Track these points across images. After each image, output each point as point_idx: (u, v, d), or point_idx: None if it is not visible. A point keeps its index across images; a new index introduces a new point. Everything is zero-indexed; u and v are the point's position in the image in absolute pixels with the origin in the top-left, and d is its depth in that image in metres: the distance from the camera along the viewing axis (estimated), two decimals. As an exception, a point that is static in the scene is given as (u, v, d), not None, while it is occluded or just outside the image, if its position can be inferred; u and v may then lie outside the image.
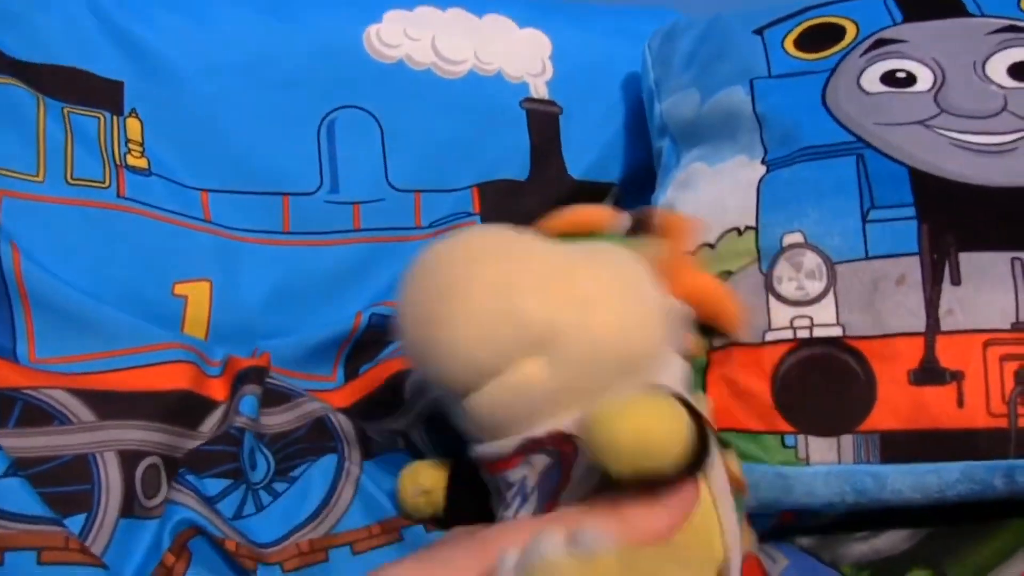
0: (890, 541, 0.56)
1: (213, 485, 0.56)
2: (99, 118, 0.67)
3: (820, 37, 0.65)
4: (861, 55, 0.62)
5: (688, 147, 0.68)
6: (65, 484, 0.52)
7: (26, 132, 0.63)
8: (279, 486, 0.58)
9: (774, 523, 0.58)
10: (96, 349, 0.58)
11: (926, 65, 0.60)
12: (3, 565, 0.46)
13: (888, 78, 0.60)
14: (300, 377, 0.67)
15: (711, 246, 0.59)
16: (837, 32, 0.65)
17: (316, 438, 0.61)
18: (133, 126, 0.68)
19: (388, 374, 0.66)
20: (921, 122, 0.57)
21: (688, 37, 0.72)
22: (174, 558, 0.52)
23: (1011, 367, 0.50)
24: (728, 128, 0.64)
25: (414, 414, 0.63)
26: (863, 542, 0.56)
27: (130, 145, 0.68)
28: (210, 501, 0.55)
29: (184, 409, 0.58)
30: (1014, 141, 0.55)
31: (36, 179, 0.62)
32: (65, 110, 0.65)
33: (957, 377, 0.51)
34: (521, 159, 0.77)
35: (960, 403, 0.51)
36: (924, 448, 0.51)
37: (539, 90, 0.79)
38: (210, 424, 0.60)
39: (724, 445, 0.46)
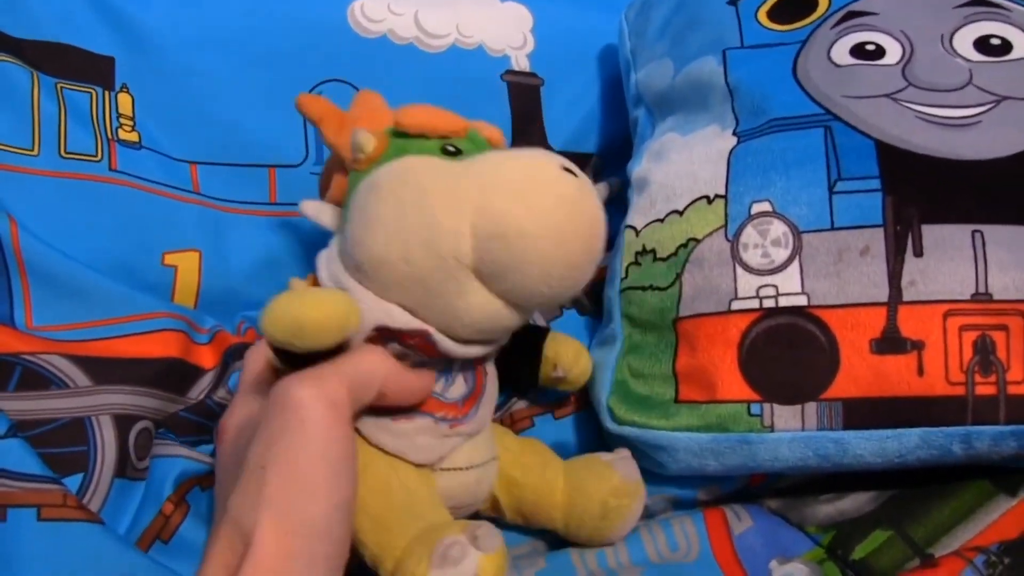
0: (855, 503, 0.55)
1: (186, 442, 0.57)
2: (91, 93, 0.65)
3: (793, 8, 0.63)
4: (832, 27, 0.60)
5: (662, 116, 0.66)
6: (63, 445, 0.51)
7: (21, 107, 0.62)
8: None
9: (742, 485, 0.57)
10: (91, 317, 0.57)
11: (895, 38, 0.58)
12: (5, 521, 0.46)
13: (858, 50, 0.58)
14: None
15: (679, 213, 0.57)
16: (810, 4, 0.62)
17: None
18: (124, 101, 0.67)
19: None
20: (888, 95, 0.55)
21: (663, 7, 0.70)
22: (173, 507, 0.52)
23: (970, 337, 0.49)
24: (700, 98, 0.62)
25: None
26: (828, 504, 0.56)
27: (121, 120, 0.66)
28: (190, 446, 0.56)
29: (174, 375, 0.58)
30: (978, 115, 0.53)
31: (31, 153, 0.61)
32: (58, 85, 0.64)
33: (918, 346, 0.50)
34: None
35: (920, 372, 0.49)
36: (885, 415, 0.50)
37: (520, 63, 0.78)
38: (197, 390, 0.59)
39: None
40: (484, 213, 0.41)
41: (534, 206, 0.41)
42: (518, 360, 0.55)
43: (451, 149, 0.46)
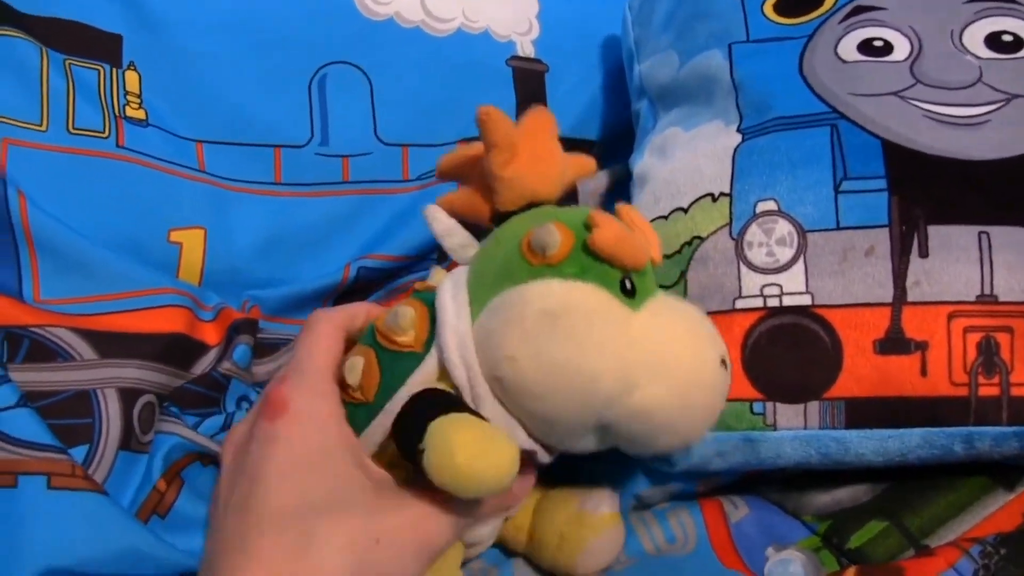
0: (851, 493, 0.54)
1: (192, 418, 0.55)
2: (99, 70, 0.63)
3: (800, 1, 0.59)
4: (840, 22, 0.57)
5: (665, 110, 0.63)
6: (68, 417, 0.50)
7: (30, 83, 0.59)
8: None
9: (740, 477, 0.55)
10: (97, 292, 0.56)
11: (903, 34, 0.55)
12: (16, 487, 0.45)
13: (865, 46, 0.55)
14: (288, 323, 0.65)
15: (684, 210, 0.54)
16: (817, -4, 0.59)
17: None
18: (131, 78, 0.64)
19: None
20: (896, 93, 0.53)
21: (668, -3, 0.67)
22: (166, 484, 0.51)
23: (974, 338, 0.47)
24: (705, 93, 0.60)
25: None
26: (825, 494, 0.54)
27: (129, 97, 0.63)
28: (194, 427, 0.54)
29: (178, 351, 0.56)
30: (987, 114, 0.51)
31: (39, 128, 0.59)
32: (67, 62, 0.61)
33: (921, 347, 0.47)
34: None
35: (923, 372, 0.47)
36: (887, 415, 0.48)
37: (525, 48, 0.75)
38: (202, 366, 0.58)
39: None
40: (641, 393, 0.39)
41: (687, 402, 0.40)
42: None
43: (628, 287, 0.41)
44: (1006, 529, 0.48)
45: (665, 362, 0.40)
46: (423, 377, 0.41)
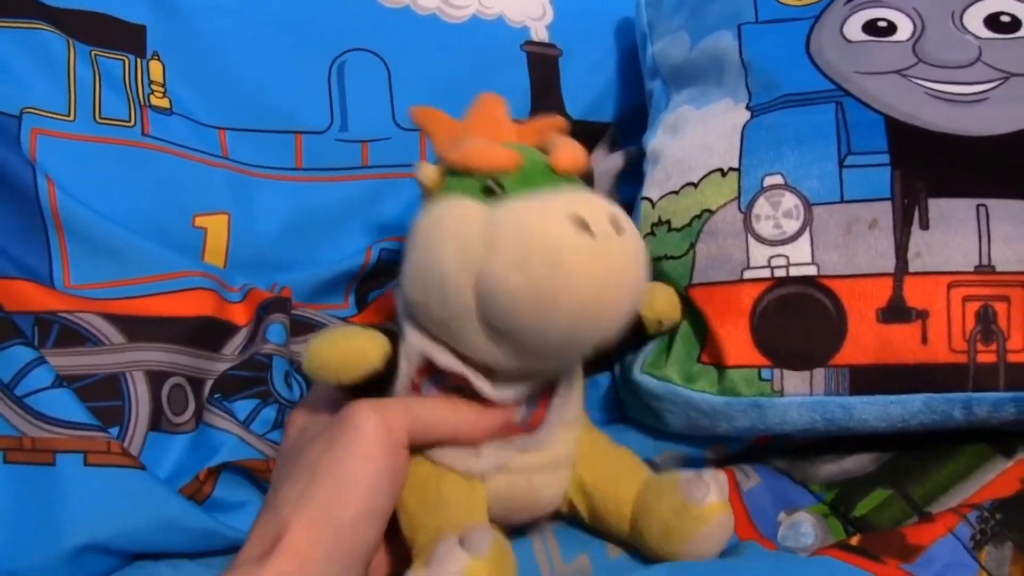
0: (857, 463, 0.56)
1: (243, 406, 0.58)
2: (124, 60, 0.66)
3: (807, -16, 0.63)
4: (845, 3, 0.60)
5: (678, 89, 0.67)
6: (98, 400, 0.53)
7: (58, 74, 0.62)
8: None
9: (749, 445, 0.58)
10: (125, 276, 0.59)
11: (906, 14, 0.58)
12: (54, 465, 0.48)
13: (870, 27, 0.59)
14: (313, 308, 0.67)
15: (694, 185, 0.57)
16: (824, -21, 0.62)
17: None
18: (156, 68, 0.67)
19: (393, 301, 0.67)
20: (899, 71, 0.56)
21: (681, -21, 0.70)
22: (207, 474, 0.53)
23: (972, 307, 0.50)
24: (716, 72, 0.63)
25: None
26: (832, 463, 0.57)
27: (153, 86, 0.67)
28: (245, 423, 0.56)
29: (206, 333, 0.59)
30: (986, 91, 0.54)
31: (67, 118, 0.62)
32: (93, 53, 0.64)
33: (922, 316, 0.51)
34: (522, 100, 0.75)
35: (924, 340, 0.51)
36: (890, 381, 0.51)
37: (539, 33, 0.78)
38: (232, 347, 0.61)
39: None
40: (483, 273, 0.40)
41: (525, 269, 0.39)
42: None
43: (490, 188, 0.43)
44: (1004, 495, 0.50)
45: (499, 232, 0.40)
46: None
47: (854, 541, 0.49)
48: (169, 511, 0.49)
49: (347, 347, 0.44)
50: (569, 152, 0.45)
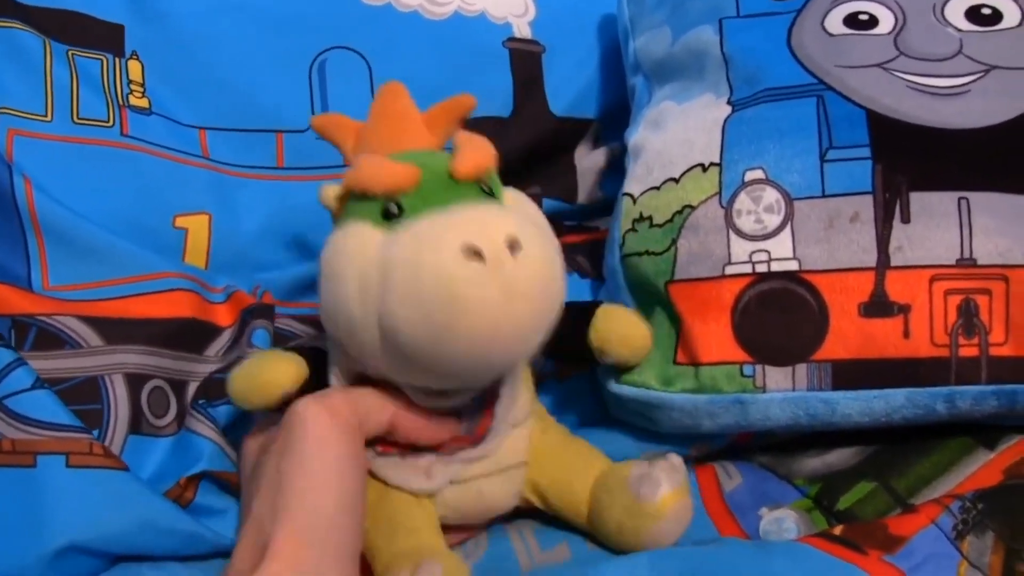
0: (840, 457, 0.57)
1: (227, 412, 0.58)
2: (102, 60, 0.66)
3: (789, -23, 0.63)
4: (827, -4, 0.61)
5: (660, 84, 0.67)
6: (77, 403, 0.53)
7: (34, 74, 0.63)
8: None
9: (731, 441, 0.59)
10: (104, 277, 0.59)
11: (888, 7, 0.59)
12: (35, 467, 0.48)
13: (851, 20, 0.59)
14: (295, 306, 0.68)
15: (675, 180, 0.58)
16: (805, -27, 0.63)
17: None
18: (134, 68, 0.68)
19: None
20: (880, 64, 0.56)
21: (662, -25, 0.71)
22: (187, 481, 0.53)
23: (954, 300, 0.51)
24: (697, 67, 0.63)
25: None
26: (815, 458, 0.58)
27: (132, 86, 0.67)
28: (225, 432, 0.57)
29: (187, 334, 0.59)
30: (966, 84, 0.55)
31: (44, 119, 0.62)
32: (70, 52, 0.65)
33: (904, 310, 0.51)
34: (504, 97, 0.76)
35: (906, 334, 0.51)
36: (872, 376, 0.52)
37: (522, 30, 0.78)
38: (216, 348, 0.61)
39: None
40: (382, 312, 0.40)
41: (420, 307, 0.39)
42: (563, 342, 0.48)
43: (392, 210, 0.42)
44: (986, 486, 0.51)
45: (393, 270, 0.40)
46: None
47: (837, 531, 0.50)
48: (152, 513, 0.49)
49: (260, 375, 0.46)
50: (470, 158, 0.44)
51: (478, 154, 0.44)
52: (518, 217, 0.41)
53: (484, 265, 0.38)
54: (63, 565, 0.47)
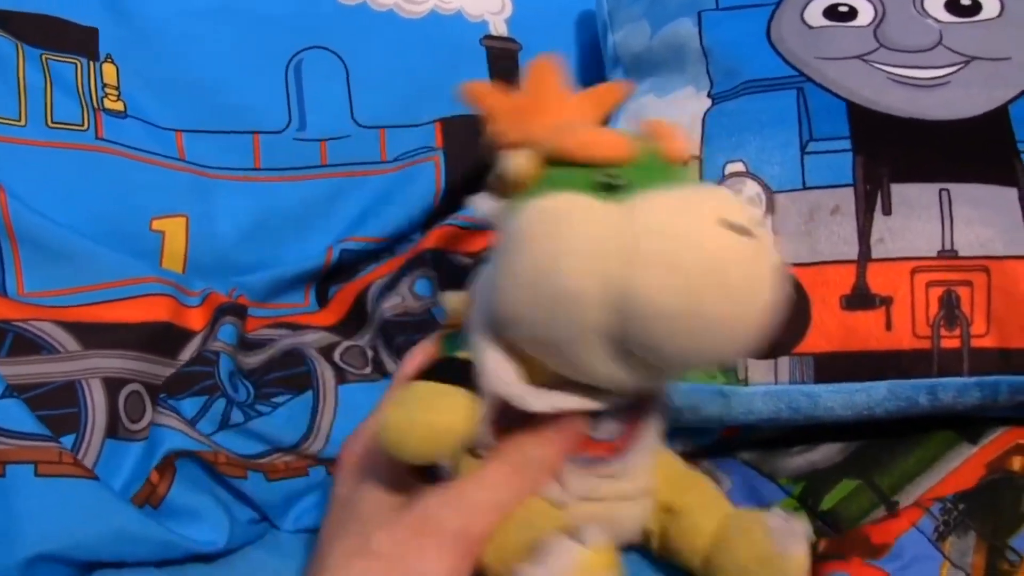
0: (824, 454, 0.57)
1: (192, 404, 0.57)
2: (76, 64, 0.66)
3: (768, -30, 0.63)
4: (806, -12, 0.61)
5: (640, 78, 0.67)
6: (55, 407, 0.53)
7: (6, 78, 0.62)
8: (263, 408, 0.59)
9: (717, 439, 0.59)
10: (80, 283, 0.58)
11: (867, -1, 0.59)
12: (4, 476, 0.48)
13: (831, 12, 0.59)
14: (274, 307, 0.68)
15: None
16: (784, -36, 0.63)
17: (290, 364, 0.61)
18: (109, 71, 0.67)
19: (355, 293, 0.68)
20: (860, 56, 0.56)
21: (640, -33, 0.71)
22: (159, 476, 0.53)
23: (936, 292, 0.51)
24: (676, 60, 0.63)
25: (374, 327, 0.64)
26: (799, 456, 0.57)
27: (107, 89, 0.67)
28: (192, 421, 0.56)
29: (162, 339, 0.59)
30: (947, 75, 0.55)
31: (18, 123, 0.62)
32: (43, 56, 0.64)
33: (886, 302, 0.51)
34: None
35: (888, 326, 0.51)
36: (854, 368, 0.52)
37: (498, 28, 0.78)
38: (188, 353, 0.60)
39: None
40: (623, 288, 0.35)
41: (683, 284, 0.34)
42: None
43: (610, 184, 0.37)
44: (970, 483, 0.51)
45: (642, 243, 0.35)
46: (463, 353, 0.42)
47: (821, 548, 0.49)
48: (123, 521, 0.49)
49: (429, 420, 0.38)
50: (680, 139, 0.41)
51: (683, 138, 0.41)
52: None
53: (747, 240, 0.35)
54: (35, 573, 0.47)
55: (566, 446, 0.42)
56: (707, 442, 0.59)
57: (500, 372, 0.39)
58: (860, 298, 0.51)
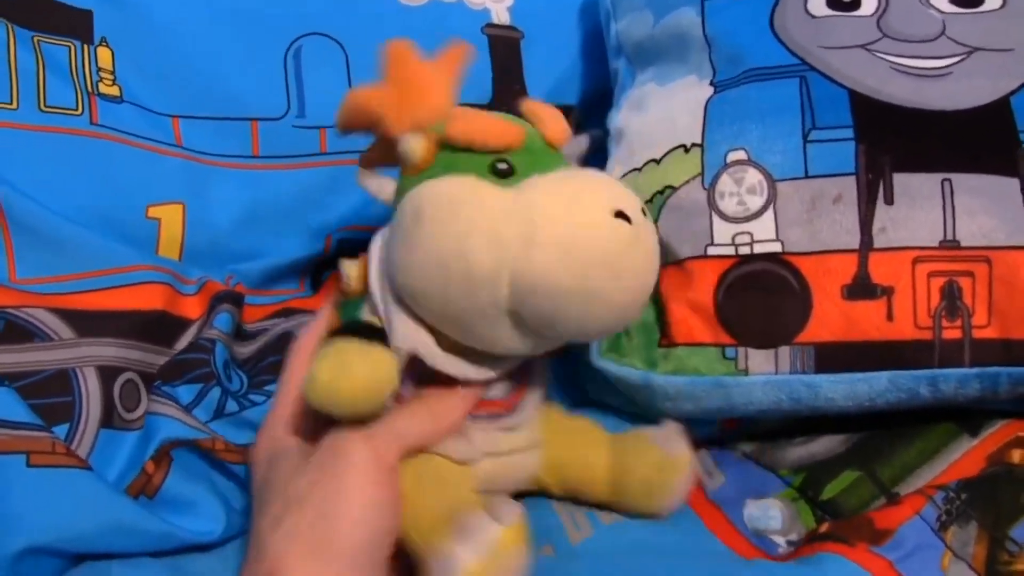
0: (825, 446, 0.57)
1: (187, 391, 0.57)
2: (69, 47, 0.65)
3: (771, -41, 0.63)
4: (810, -22, 0.61)
5: (642, 67, 0.67)
6: (48, 396, 0.52)
7: (-3, 60, 0.62)
8: (256, 398, 0.59)
9: (717, 430, 0.59)
10: (74, 270, 0.58)
11: (871, -12, 0.59)
12: None
13: (834, 2, 0.59)
14: (270, 294, 0.68)
15: (656, 161, 0.58)
16: (787, -45, 0.63)
17: (283, 347, 0.59)
18: (104, 55, 0.67)
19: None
20: (863, 46, 0.56)
21: (643, -43, 0.70)
22: (155, 466, 0.53)
23: (937, 283, 0.51)
24: (679, 49, 0.63)
25: None
26: (800, 447, 0.58)
27: (101, 73, 0.66)
28: (187, 408, 0.56)
29: (158, 327, 0.59)
30: (949, 66, 0.55)
31: (10, 107, 0.61)
32: (35, 39, 0.64)
33: (887, 292, 0.51)
34: (483, 83, 0.75)
35: (889, 316, 0.51)
36: (855, 359, 0.52)
37: (500, 16, 0.78)
38: (184, 341, 0.60)
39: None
40: (524, 269, 0.39)
41: (577, 266, 0.39)
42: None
43: (503, 167, 0.42)
44: (970, 474, 0.51)
45: (539, 223, 0.39)
46: (366, 316, 0.45)
47: (823, 529, 0.50)
48: (116, 513, 0.49)
49: (364, 376, 0.41)
50: (560, 124, 0.45)
51: (563, 121, 0.46)
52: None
53: (632, 227, 0.39)
54: (26, 566, 0.46)
55: (471, 404, 0.46)
56: (706, 434, 0.59)
57: (409, 330, 0.43)
58: (862, 288, 0.51)
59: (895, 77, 0.55)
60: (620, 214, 0.39)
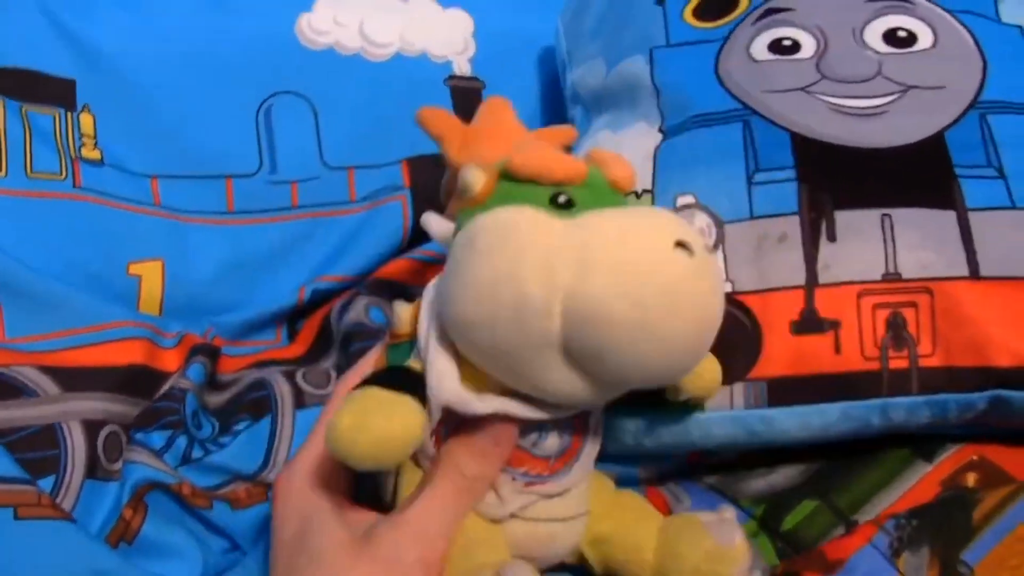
0: (784, 477, 0.58)
1: (159, 438, 0.59)
2: (54, 115, 0.68)
3: (717, 6, 0.65)
4: (752, 23, 0.63)
5: (597, 114, 0.69)
6: (36, 450, 0.54)
7: (-12, 131, 0.64)
8: (224, 440, 0.60)
9: (681, 463, 0.60)
10: (59, 327, 0.60)
11: (810, 32, 0.61)
12: None
13: (775, 46, 0.61)
14: (248, 344, 0.69)
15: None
16: (732, 1, 0.65)
17: (254, 389, 0.62)
18: (86, 121, 0.69)
19: (320, 319, 0.70)
20: (803, 88, 0.58)
21: (596, 8, 0.73)
22: (132, 512, 0.54)
23: (883, 314, 0.52)
24: (629, 96, 0.65)
25: (337, 344, 0.66)
26: (760, 478, 0.58)
27: (84, 139, 0.69)
28: (159, 453, 0.58)
29: (140, 381, 0.61)
30: (886, 104, 0.56)
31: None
32: (23, 109, 0.67)
33: (835, 326, 0.52)
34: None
35: (837, 349, 0.52)
36: (807, 391, 0.52)
37: (462, 67, 0.80)
38: (163, 392, 0.62)
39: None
40: (577, 295, 0.37)
41: (633, 294, 0.36)
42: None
43: (562, 201, 0.40)
44: (925, 500, 0.52)
45: (595, 253, 0.37)
46: (411, 362, 0.43)
47: (779, 570, 0.51)
48: (99, 563, 0.50)
49: (383, 429, 0.38)
50: (626, 168, 0.44)
51: (629, 167, 0.44)
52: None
53: (695, 259, 0.37)
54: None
55: (503, 457, 0.43)
56: (670, 467, 0.60)
57: (445, 378, 0.40)
58: (809, 323, 0.52)
59: (833, 117, 0.56)
60: (682, 244, 0.37)
